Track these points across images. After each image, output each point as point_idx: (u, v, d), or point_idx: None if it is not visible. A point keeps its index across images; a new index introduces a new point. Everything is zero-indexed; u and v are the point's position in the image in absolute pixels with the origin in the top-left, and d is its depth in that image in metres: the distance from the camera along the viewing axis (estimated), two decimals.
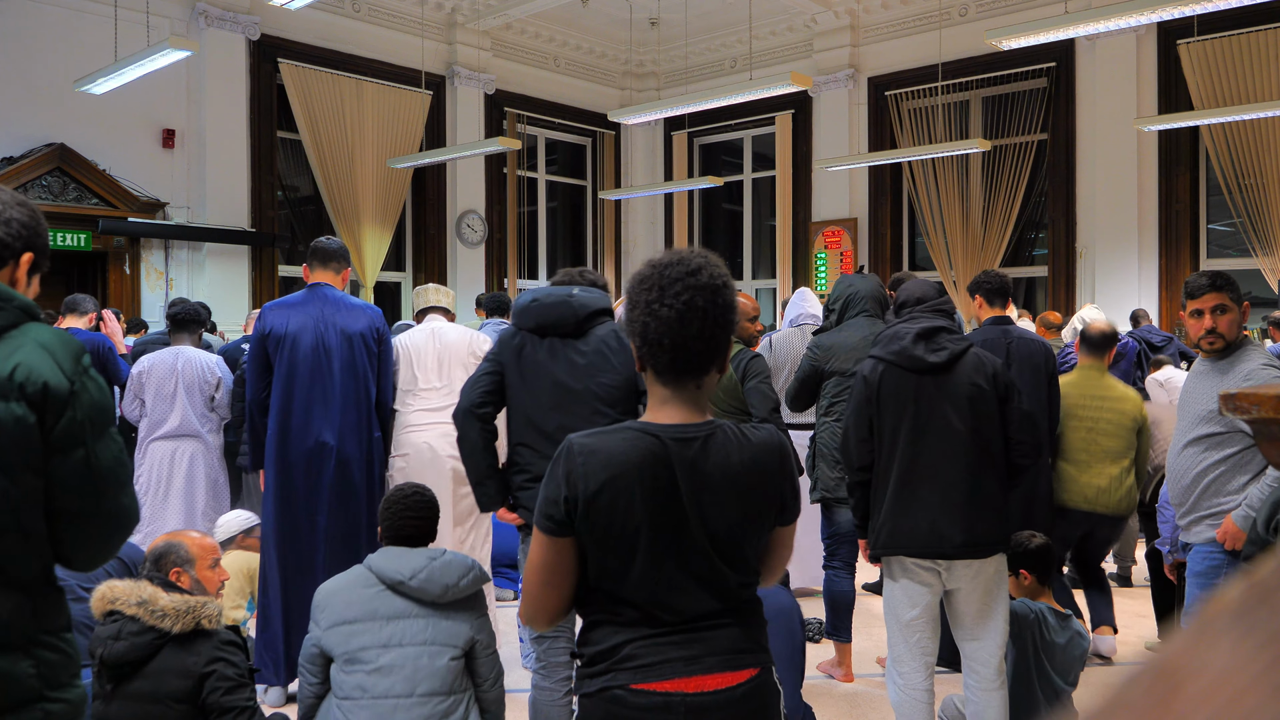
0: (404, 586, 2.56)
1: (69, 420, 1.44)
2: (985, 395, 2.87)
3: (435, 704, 2.49)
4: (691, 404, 1.64)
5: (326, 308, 3.77)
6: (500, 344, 2.89)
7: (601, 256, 12.25)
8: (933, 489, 2.84)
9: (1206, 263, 8.78)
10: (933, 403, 2.86)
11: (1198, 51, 8.30)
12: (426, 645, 2.53)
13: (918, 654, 2.94)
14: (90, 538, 1.52)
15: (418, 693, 2.48)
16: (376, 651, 2.51)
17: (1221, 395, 1.38)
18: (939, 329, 2.93)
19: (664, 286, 1.58)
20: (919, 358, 2.87)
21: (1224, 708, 0.27)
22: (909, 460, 2.87)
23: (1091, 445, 4.19)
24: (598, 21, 10.98)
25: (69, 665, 1.50)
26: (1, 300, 1.45)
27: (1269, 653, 0.28)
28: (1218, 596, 0.32)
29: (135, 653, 2.36)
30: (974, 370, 2.88)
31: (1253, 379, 2.92)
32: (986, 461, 2.87)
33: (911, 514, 2.86)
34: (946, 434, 2.85)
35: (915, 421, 2.87)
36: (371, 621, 2.54)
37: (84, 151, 7.93)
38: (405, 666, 2.48)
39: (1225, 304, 3.00)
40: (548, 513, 1.60)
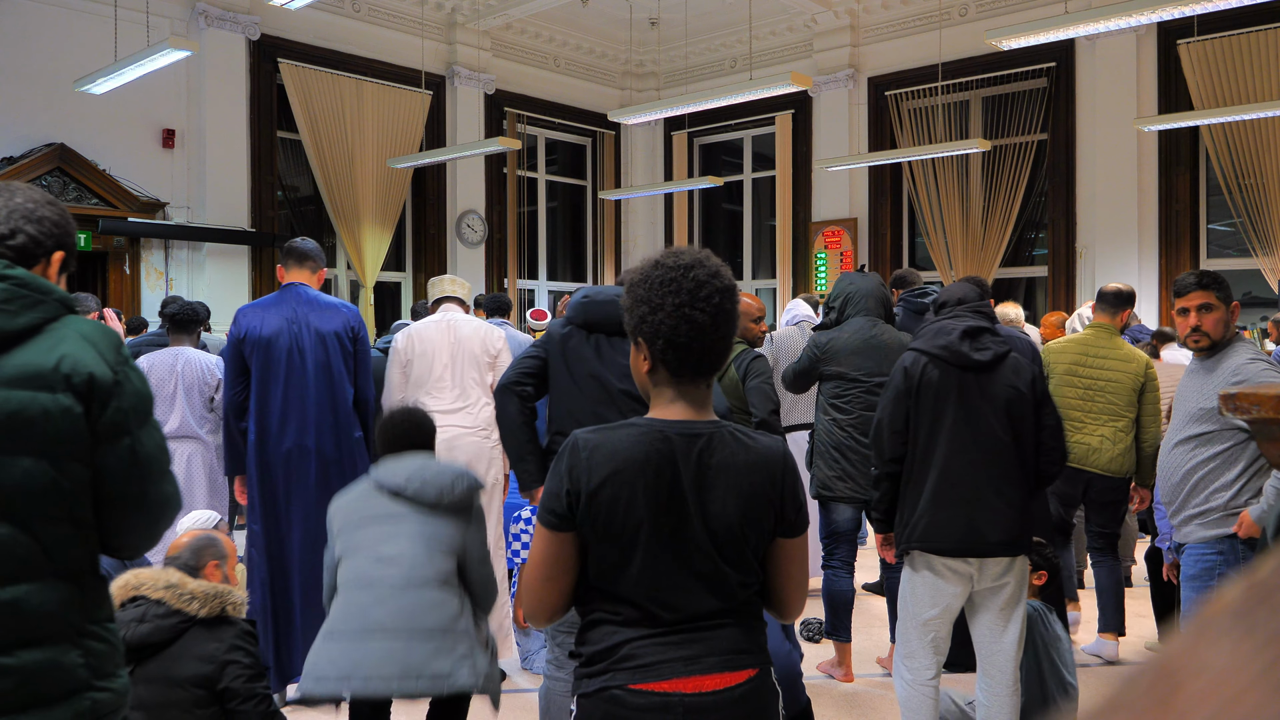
0: (403, 491, 2.65)
1: (115, 410, 1.48)
2: (1023, 399, 2.89)
3: (431, 592, 2.55)
4: (700, 402, 1.66)
5: (301, 307, 3.72)
6: (549, 334, 2.93)
7: (601, 256, 12.25)
8: (971, 486, 2.84)
9: (1206, 263, 8.78)
10: (975, 401, 2.87)
11: (1198, 51, 8.30)
12: (425, 540, 2.62)
13: (931, 651, 2.95)
14: (136, 525, 1.56)
15: (414, 580, 2.55)
16: (377, 544, 2.60)
17: (1221, 395, 1.39)
18: (983, 329, 2.95)
19: (694, 290, 1.59)
20: (965, 354, 2.88)
21: (1224, 708, 0.27)
22: (949, 456, 2.86)
23: (1087, 404, 4.19)
24: (598, 21, 10.98)
25: (114, 655, 1.53)
26: (41, 293, 1.47)
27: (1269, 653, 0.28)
28: (1218, 596, 0.32)
29: (159, 635, 2.40)
30: (1014, 373, 2.90)
31: (1240, 374, 2.94)
32: (1020, 464, 2.89)
33: (950, 510, 2.85)
34: (986, 433, 2.85)
35: (957, 417, 2.87)
36: (374, 522, 2.64)
37: (84, 151, 7.93)
38: (404, 556, 2.56)
39: (1211, 303, 3.02)
40: (550, 506, 1.61)
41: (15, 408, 1.40)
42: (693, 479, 1.60)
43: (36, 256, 1.58)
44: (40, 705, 1.41)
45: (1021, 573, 2.93)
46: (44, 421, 1.42)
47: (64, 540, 1.46)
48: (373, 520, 2.65)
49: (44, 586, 1.44)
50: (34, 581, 1.43)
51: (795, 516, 1.67)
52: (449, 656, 2.48)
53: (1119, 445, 4.15)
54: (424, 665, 2.44)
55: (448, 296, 4.27)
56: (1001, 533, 2.83)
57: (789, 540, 1.69)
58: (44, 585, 1.44)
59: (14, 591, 1.41)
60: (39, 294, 1.47)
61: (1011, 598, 2.91)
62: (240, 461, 3.73)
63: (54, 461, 1.44)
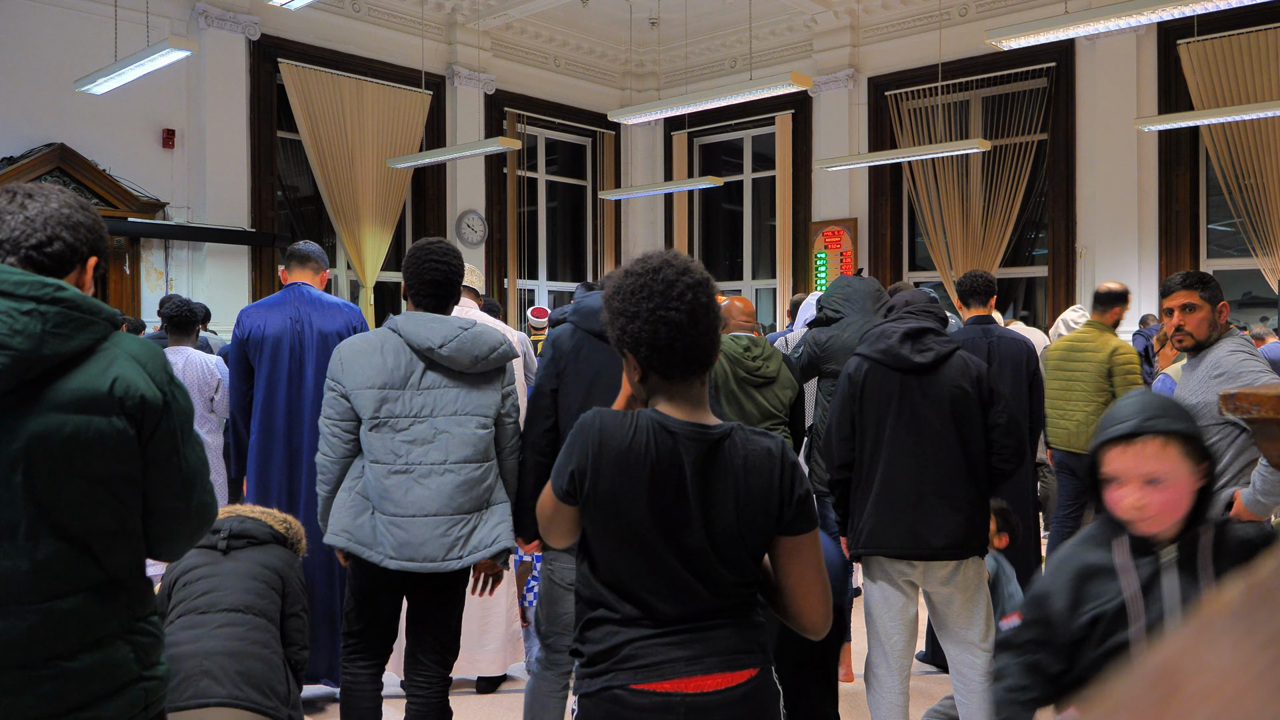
0: (433, 354, 2.63)
1: (164, 430, 1.54)
2: (968, 398, 2.87)
3: (469, 471, 2.63)
4: (699, 400, 1.66)
5: (303, 307, 3.76)
6: (557, 350, 2.80)
7: (601, 257, 12.25)
8: (912, 489, 2.85)
9: (1206, 263, 8.78)
10: (916, 403, 2.87)
11: (1198, 51, 8.30)
12: (458, 415, 2.64)
13: (892, 659, 2.96)
14: (179, 533, 1.64)
15: (451, 460, 2.61)
16: (409, 420, 2.62)
17: (1221, 395, 1.39)
18: (926, 330, 2.94)
19: (664, 291, 1.59)
20: (904, 357, 2.88)
21: (1224, 708, 0.27)
22: (890, 459, 2.88)
23: (1067, 392, 4.70)
24: (598, 21, 10.98)
25: (157, 646, 1.62)
26: (92, 314, 1.50)
27: (1269, 653, 0.28)
28: (1217, 597, 0.32)
29: (258, 530, 2.69)
30: (959, 373, 2.89)
31: (1221, 367, 2.96)
32: (967, 464, 2.87)
33: (891, 514, 2.87)
34: (928, 435, 2.86)
35: (897, 420, 2.88)
36: (403, 390, 2.63)
37: (84, 151, 7.92)
38: (439, 436, 2.61)
39: (1194, 303, 3.04)
40: (559, 481, 1.65)
41: (72, 431, 1.45)
42: (695, 480, 1.60)
43: (73, 263, 1.62)
44: (101, 700, 1.49)
45: (976, 573, 2.92)
46: (99, 444, 1.47)
47: (116, 551, 1.53)
48: (401, 387, 2.62)
49: (99, 594, 1.51)
50: (90, 591, 1.50)
51: (796, 512, 1.65)
52: (486, 527, 2.65)
53: (1092, 425, 4.22)
54: (466, 539, 2.61)
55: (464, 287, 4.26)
56: (945, 536, 2.84)
57: (793, 538, 1.66)
58: (99, 593, 1.51)
59: (74, 602, 1.48)
60: (90, 315, 1.50)
61: (966, 599, 2.91)
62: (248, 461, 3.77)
63: (107, 481, 1.49)
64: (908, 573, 2.91)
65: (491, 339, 2.69)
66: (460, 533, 2.62)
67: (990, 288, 4.25)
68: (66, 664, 1.47)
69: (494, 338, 2.70)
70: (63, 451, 1.44)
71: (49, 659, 1.45)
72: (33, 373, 1.42)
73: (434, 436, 2.62)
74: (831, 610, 1.71)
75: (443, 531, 2.59)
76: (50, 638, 1.46)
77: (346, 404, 2.65)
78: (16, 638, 1.43)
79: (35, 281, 1.44)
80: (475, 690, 3.97)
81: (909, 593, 2.94)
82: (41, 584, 1.45)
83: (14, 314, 1.41)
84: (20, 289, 1.43)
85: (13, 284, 1.43)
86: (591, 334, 2.77)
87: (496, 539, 2.66)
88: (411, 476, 2.60)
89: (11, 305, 1.42)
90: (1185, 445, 1.58)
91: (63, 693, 1.46)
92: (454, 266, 2.76)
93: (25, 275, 1.46)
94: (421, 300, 2.74)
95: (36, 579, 1.45)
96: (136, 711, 1.54)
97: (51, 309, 1.44)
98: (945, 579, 2.89)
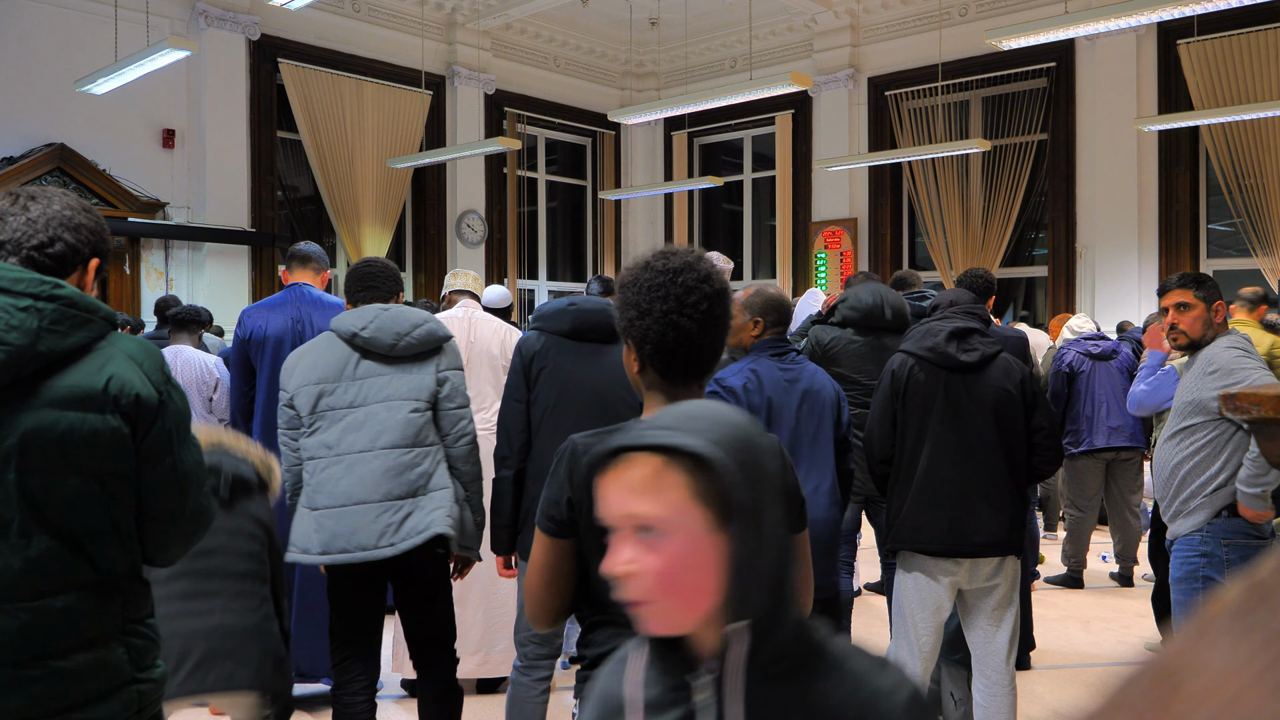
0: (357, 339, 2.67)
1: (159, 430, 1.54)
2: (1012, 400, 2.89)
3: (396, 456, 2.62)
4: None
5: (304, 307, 3.78)
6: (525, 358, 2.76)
7: (601, 256, 12.25)
8: (956, 488, 2.85)
9: (1206, 263, 8.78)
10: (960, 402, 2.89)
11: (1198, 51, 8.30)
12: (386, 401, 2.65)
13: (918, 653, 2.95)
14: (173, 536, 1.63)
15: (378, 446, 2.60)
16: (345, 411, 2.64)
17: (1221, 395, 1.39)
18: (972, 330, 2.96)
19: (681, 296, 1.57)
20: (951, 355, 2.90)
21: (1224, 708, 0.27)
22: (933, 456, 2.88)
23: None
24: (598, 21, 10.98)
25: (152, 649, 1.61)
26: (89, 312, 1.51)
27: (1269, 653, 0.28)
28: (1217, 596, 0.32)
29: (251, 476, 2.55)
30: (1003, 374, 2.91)
31: (1215, 363, 2.97)
32: (1009, 465, 2.89)
33: (933, 510, 2.87)
34: (972, 434, 2.87)
35: (942, 418, 2.89)
36: (336, 382, 2.67)
37: (84, 151, 7.93)
38: (367, 422, 2.62)
39: (1188, 302, 3.05)
40: (549, 513, 1.60)
41: (66, 428, 1.45)
42: None
43: (74, 264, 1.63)
44: (93, 701, 1.49)
45: (1013, 573, 2.93)
46: (93, 442, 1.47)
47: (109, 551, 1.53)
48: (335, 380, 2.67)
49: (92, 594, 1.51)
50: (83, 590, 1.49)
51: (796, 515, 1.67)
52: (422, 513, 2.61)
53: None
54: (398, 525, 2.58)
55: (460, 290, 4.26)
56: (986, 534, 2.84)
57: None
58: (92, 593, 1.51)
59: (66, 600, 1.48)
60: (87, 313, 1.51)
61: (1004, 598, 2.91)
62: None
63: (101, 479, 1.49)
64: (953, 571, 2.89)
65: (413, 317, 2.72)
66: (392, 519, 2.59)
67: (990, 287, 4.25)
68: (57, 663, 1.46)
69: (415, 316, 2.73)
70: (56, 448, 1.44)
71: (40, 658, 1.45)
72: (27, 369, 1.43)
73: (364, 423, 2.63)
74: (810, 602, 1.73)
75: (373, 519, 2.58)
76: (42, 636, 1.45)
77: (292, 411, 2.71)
78: (8, 636, 1.43)
79: (33, 279, 1.46)
80: (476, 691, 3.97)
81: (948, 591, 2.93)
82: (34, 582, 1.45)
83: (10, 310, 1.42)
84: (17, 285, 1.44)
85: (10, 280, 1.44)
86: (558, 334, 2.76)
87: (430, 524, 2.61)
88: (342, 466, 2.61)
89: (8, 301, 1.43)
90: (700, 479, 0.93)
91: (53, 692, 1.45)
92: (380, 266, 2.88)
93: (23, 273, 1.46)
94: (357, 296, 2.84)
95: (29, 576, 1.45)
96: (130, 714, 1.54)
97: (48, 306, 1.45)
98: (989, 575, 2.89)
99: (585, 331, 2.76)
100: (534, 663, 2.79)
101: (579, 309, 2.78)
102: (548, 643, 2.80)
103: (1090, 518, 5.49)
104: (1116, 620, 4.87)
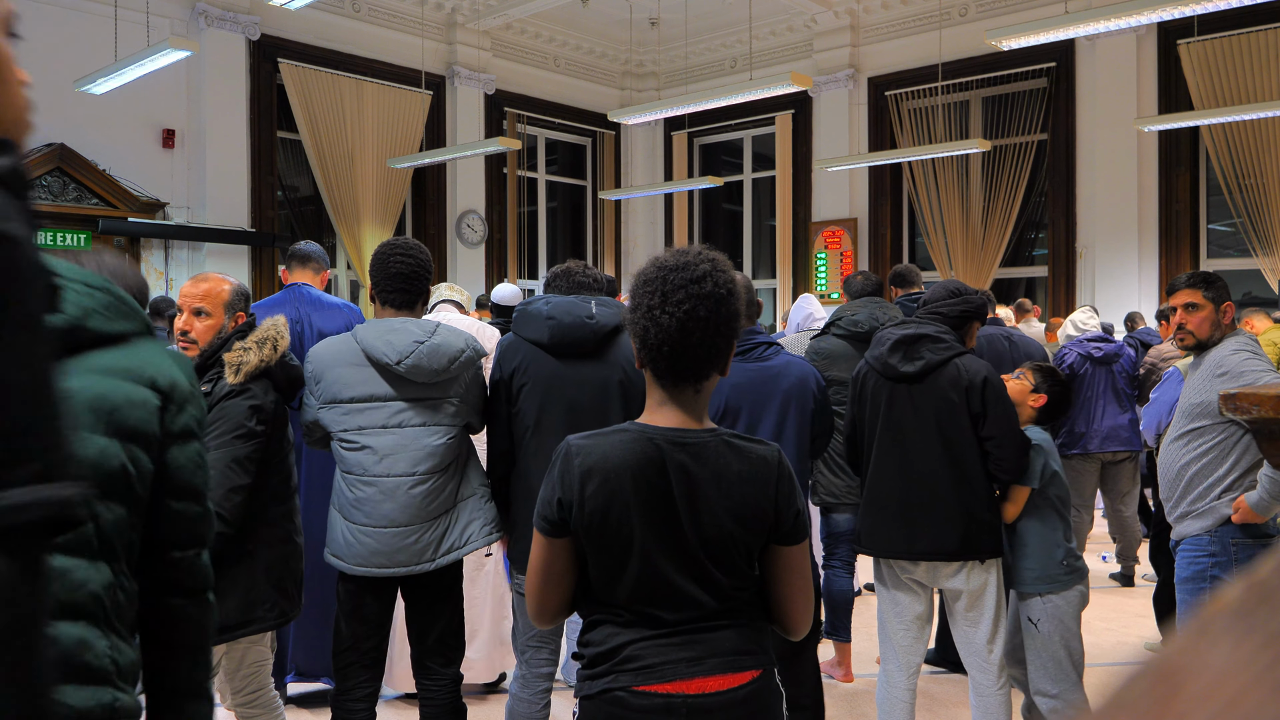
0: (391, 370, 2.61)
1: (190, 415, 1.58)
2: (954, 410, 2.86)
3: (435, 481, 2.63)
4: (689, 407, 1.63)
5: (304, 307, 3.79)
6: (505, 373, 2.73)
7: (601, 256, 12.25)
8: (895, 497, 2.92)
9: (1206, 263, 8.78)
10: (902, 412, 2.93)
11: (1198, 51, 8.30)
12: (425, 426, 2.64)
13: (900, 656, 3.00)
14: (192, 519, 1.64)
15: (418, 471, 2.61)
16: (376, 433, 2.62)
17: (1222, 395, 1.39)
18: (922, 337, 2.92)
19: (666, 293, 1.56)
20: (893, 366, 2.94)
21: (1224, 708, 0.27)
22: (877, 466, 2.96)
23: None
24: (598, 21, 10.98)
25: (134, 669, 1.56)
26: (132, 309, 1.58)
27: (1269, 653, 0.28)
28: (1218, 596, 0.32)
29: None
30: (950, 383, 2.88)
31: (1223, 366, 2.97)
32: (954, 474, 2.87)
33: (877, 518, 2.96)
34: (911, 444, 2.91)
35: (885, 429, 2.95)
36: (369, 404, 2.63)
37: (84, 151, 7.93)
38: (406, 448, 2.61)
39: (1197, 302, 3.04)
40: (544, 514, 1.61)
41: (99, 391, 1.50)
42: (681, 486, 1.58)
43: None
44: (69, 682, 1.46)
45: (983, 574, 2.92)
46: (126, 408, 1.51)
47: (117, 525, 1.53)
48: (368, 402, 2.63)
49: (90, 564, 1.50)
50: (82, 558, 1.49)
51: (792, 524, 1.64)
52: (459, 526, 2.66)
53: None
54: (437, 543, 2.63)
55: (444, 299, 4.29)
56: (931, 543, 2.87)
57: (787, 548, 1.65)
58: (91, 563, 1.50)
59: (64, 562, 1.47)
60: (131, 309, 1.58)
61: (972, 600, 2.93)
62: None
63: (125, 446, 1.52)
64: (910, 570, 2.96)
65: (451, 350, 2.63)
66: (432, 537, 2.62)
67: (990, 302, 4.34)
68: None
69: (453, 348, 2.64)
70: (88, 408, 1.49)
71: None
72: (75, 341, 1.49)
73: (404, 447, 2.60)
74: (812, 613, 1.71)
75: (415, 539, 2.60)
76: None
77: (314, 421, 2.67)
78: None
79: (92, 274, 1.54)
80: (481, 693, 3.97)
81: (915, 590, 2.98)
82: None
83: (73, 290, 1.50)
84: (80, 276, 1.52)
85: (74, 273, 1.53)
86: (529, 342, 2.71)
87: (469, 539, 2.67)
88: (382, 489, 2.58)
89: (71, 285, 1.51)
90: None
91: None
92: (420, 261, 2.72)
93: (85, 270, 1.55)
94: (388, 297, 2.70)
95: None
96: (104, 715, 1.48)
97: (99, 294, 1.53)
98: (949, 577, 2.91)
99: (564, 347, 2.69)
100: (534, 670, 2.77)
101: (557, 322, 2.68)
102: (547, 646, 2.78)
103: (1087, 518, 5.49)
104: (1116, 620, 4.87)
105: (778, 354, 2.86)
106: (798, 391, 2.80)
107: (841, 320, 4.06)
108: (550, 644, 2.79)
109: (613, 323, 2.72)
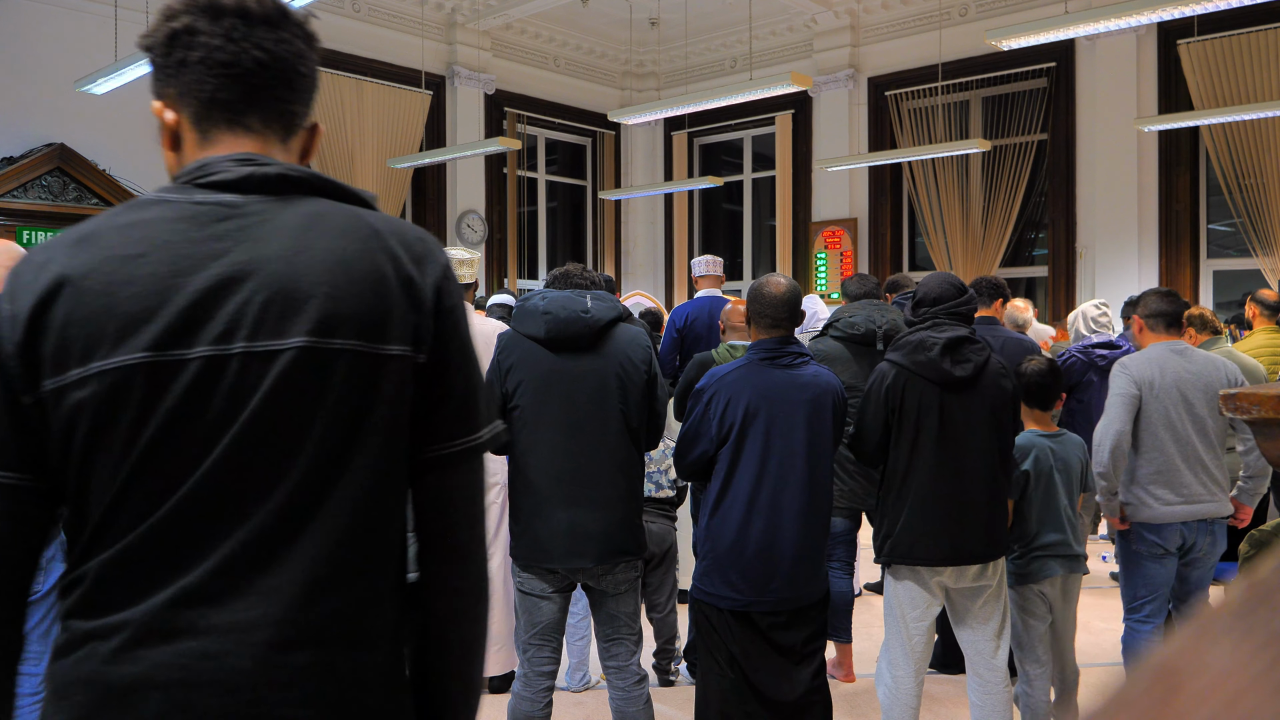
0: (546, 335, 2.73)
1: None
2: (1007, 400, 2.90)
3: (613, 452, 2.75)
4: None
5: None
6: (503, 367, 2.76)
7: (601, 256, 12.25)
8: (955, 503, 2.84)
9: (1206, 263, 8.79)
10: (957, 418, 2.84)
11: (1198, 51, 8.30)
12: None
13: (913, 659, 2.97)
14: None
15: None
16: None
17: (1222, 395, 1.39)
18: (963, 339, 2.88)
19: None
20: (946, 372, 2.82)
21: (1224, 708, 0.27)
22: (931, 475, 2.84)
23: None
24: (598, 21, 10.98)
25: None
26: None
27: (1269, 653, 0.28)
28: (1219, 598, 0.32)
29: None
30: (998, 377, 2.89)
31: None
32: (1003, 469, 2.90)
33: (931, 528, 2.85)
34: (969, 449, 2.83)
35: (940, 435, 2.83)
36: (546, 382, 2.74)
37: (84, 151, 7.92)
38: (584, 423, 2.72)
39: None
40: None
41: None
42: None
43: None
44: None
45: (998, 570, 2.94)
46: None
47: None
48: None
49: None
50: None
51: None
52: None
53: None
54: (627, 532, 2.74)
55: None
56: (982, 543, 2.86)
57: None
58: None
59: None
60: None
61: (992, 595, 2.93)
62: None
63: None
64: (940, 573, 2.91)
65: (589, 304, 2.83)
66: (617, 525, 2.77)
67: (996, 290, 4.27)
68: None
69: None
70: None
71: None
72: None
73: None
74: None
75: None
76: None
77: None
78: None
79: None
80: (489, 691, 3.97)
81: (937, 593, 2.96)
82: None
83: None
84: None
85: None
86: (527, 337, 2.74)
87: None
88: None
89: None
90: None
91: None
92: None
93: None
94: None
95: None
96: None
97: None
98: (975, 575, 2.91)
99: (561, 342, 2.72)
100: (536, 669, 2.76)
101: (554, 317, 2.71)
102: (548, 645, 2.78)
103: (1086, 518, 5.48)
104: (1116, 620, 4.86)
105: (806, 364, 2.84)
106: (815, 406, 2.78)
107: (839, 322, 4.05)
108: (552, 643, 2.79)
109: (608, 317, 2.74)
